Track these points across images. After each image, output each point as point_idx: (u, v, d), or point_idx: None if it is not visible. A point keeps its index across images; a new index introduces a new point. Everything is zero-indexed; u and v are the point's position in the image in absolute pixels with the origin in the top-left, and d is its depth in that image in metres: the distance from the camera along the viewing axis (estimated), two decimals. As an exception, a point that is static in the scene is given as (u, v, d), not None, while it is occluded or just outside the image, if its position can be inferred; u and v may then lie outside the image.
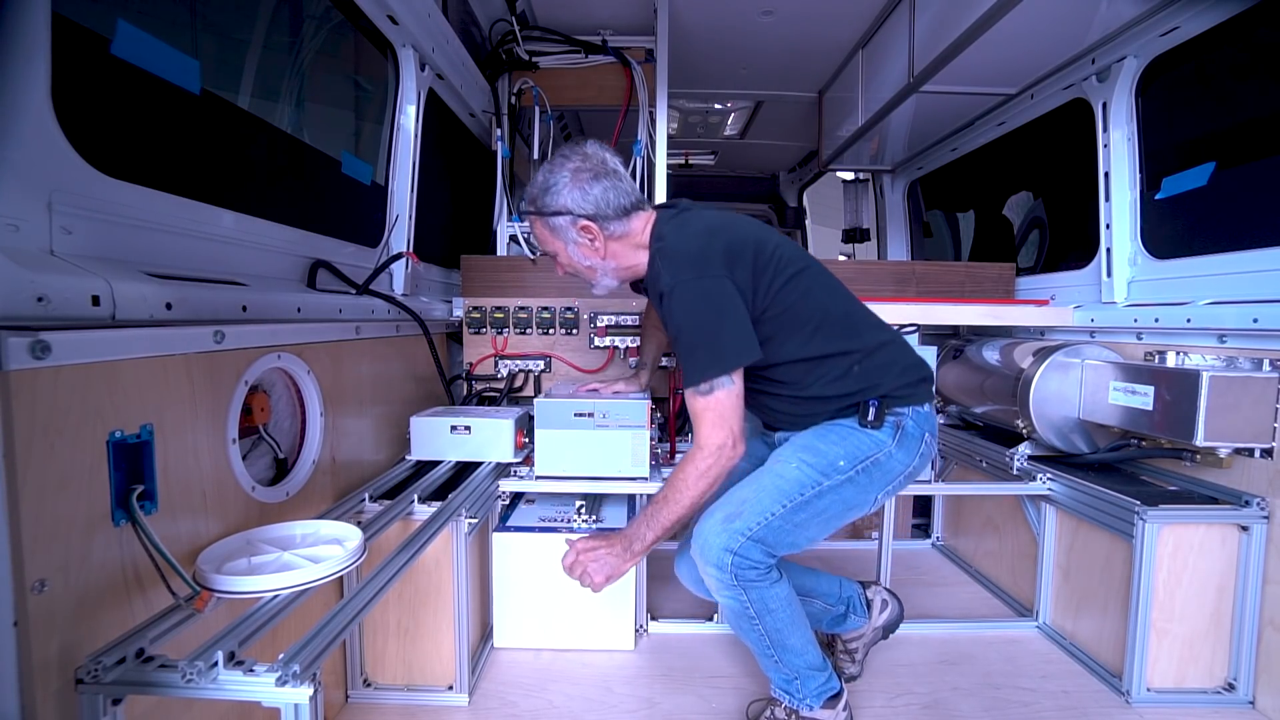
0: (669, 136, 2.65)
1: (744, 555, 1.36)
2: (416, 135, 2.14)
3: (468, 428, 1.88)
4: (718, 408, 1.35)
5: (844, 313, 1.49)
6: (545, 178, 1.45)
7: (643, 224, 1.49)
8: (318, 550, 1.17)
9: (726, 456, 1.36)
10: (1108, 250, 2.18)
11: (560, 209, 1.44)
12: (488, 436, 1.89)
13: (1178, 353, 1.82)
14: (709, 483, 1.37)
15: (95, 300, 0.93)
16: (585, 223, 1.44)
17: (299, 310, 1.48)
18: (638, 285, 1.66)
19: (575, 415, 1.86)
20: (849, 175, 4.12)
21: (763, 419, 1.67)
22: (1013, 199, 3.03)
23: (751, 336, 1.37)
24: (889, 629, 1.79)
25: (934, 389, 1.53)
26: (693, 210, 1.51)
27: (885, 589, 1.82)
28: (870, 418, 1.43)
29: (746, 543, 1.36)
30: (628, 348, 2.47)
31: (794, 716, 1.50)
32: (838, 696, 1.51)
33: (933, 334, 2.82)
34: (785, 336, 1.44)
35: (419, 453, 1.89)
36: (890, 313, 2.19)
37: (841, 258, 4.28)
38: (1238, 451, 1.65)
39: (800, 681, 1.48)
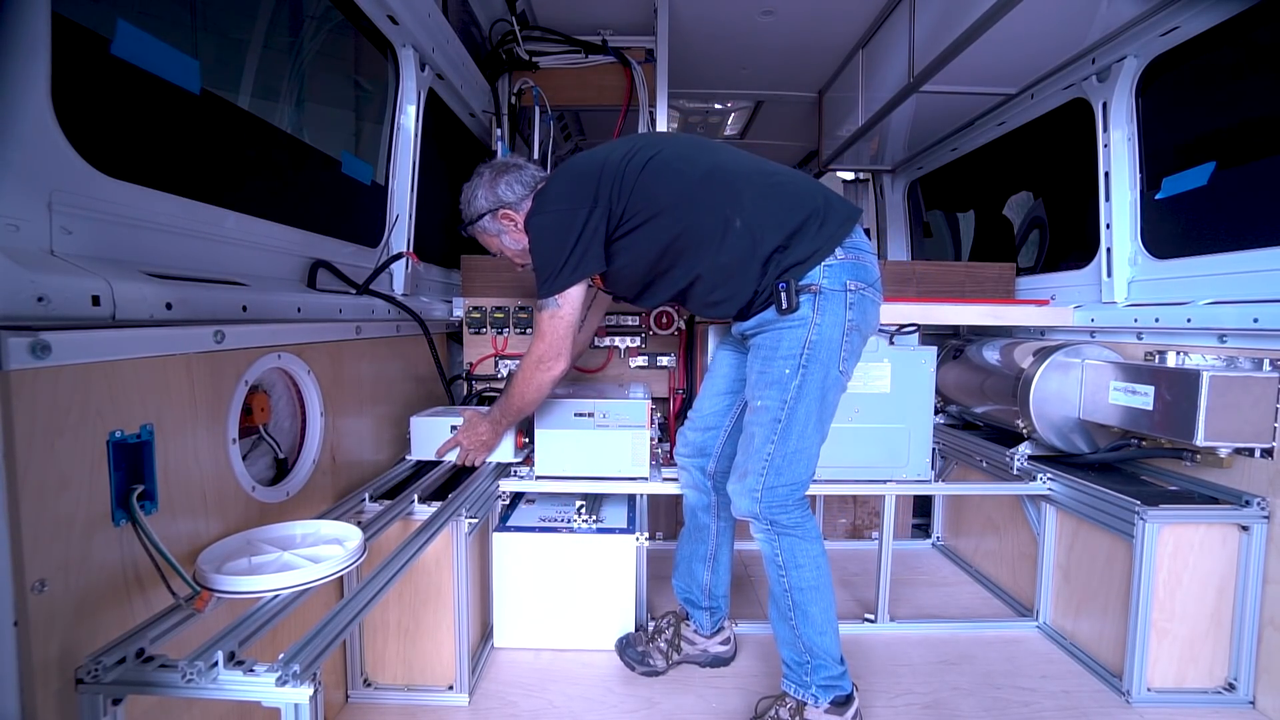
0: (669, 136, 2.64)
1: (769, 500, 1.48)
2: (416, 135, 2.14)
3: None
4: (541, 326, 1.56)
5: (704, 174, 1.50)
6: (464, 196, 1.70)
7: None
8: (318, 550, 1.17)
9: (544, 368, 1.59)
10: (1108, 250, 2.18)
11: (479, 212, 1.67)
12: (488, 436, 1.89)
13: (1178, 353, 1.82)
14: (535, 389, 1.63)
15: (95, 300, 0.93)
16: (502, 212, 1.64)
17: (299, 310, 1.48)
18: None
19: (575, 415, 1.86)
20: (849, 175, 4.12)
21: (711, 314, 1.66)
22: (1013, 199, 3.03)
23: (581, 263, 1.49)
24: (714, 661, 1.84)
25: (848, 215, 1.52)
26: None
27: (734, 633, 1.92)
28: (785, 305, 1.45)
29: (765, 488, 1.48)
30: (627, 348, 2.47)
31: (800, 716, 1.49)
32: (847, 702, 1.50)
33: (933, 334, 2.82)
34: (652, 231, 1.50)
35: (419, 453, 1.89)
36: (890, 313, 2.19)
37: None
38: (1238, 451, 1.65)
39: (811, 666, 1.50)
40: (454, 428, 1.87)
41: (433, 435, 1.88)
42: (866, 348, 1.62)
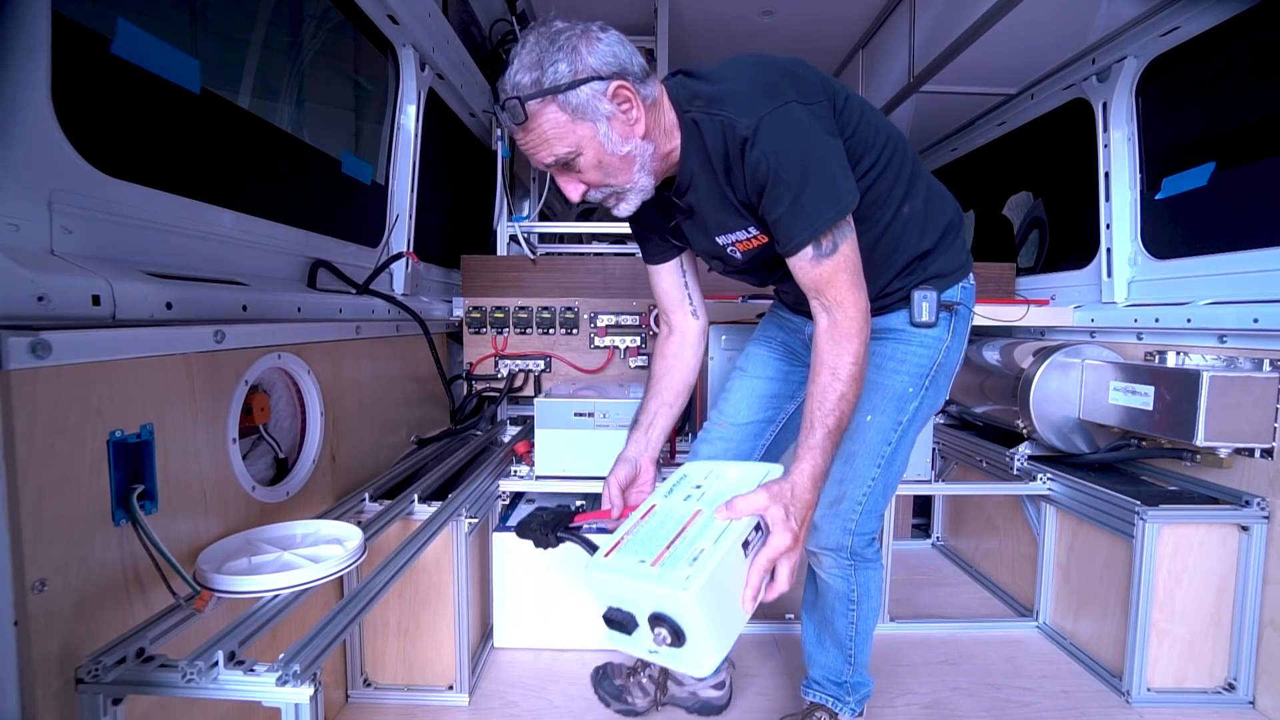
0: (669, 136, 2.64)
1: (862, 532, 1.32)
2: (416, 135, 2.14)
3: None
4: (849, 265, 1.10)
5: (894, 136, 1.26)
6: (537, 51, 1.01)
7: (659, 91, 1.13)
8: (318, 550, 1.17)
9: (866, 332, 1.12)
10: (1108, 250, 2.18)
11: (583, 74, 1.01)
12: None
13: (1178, 353, 1.82)
14: (861, 372, 1.11)
15: (95, 300, 0.93)
16: (617, 84, 1.03)
17: (299, 310, 1.48)
18: (644, 222, 1.34)
19: (575, 415, 1.86)
20: (849, 175, 4.10)
21: (792, 298, 1.41)
22: (1013, 199, 3.03)
23: (850, 176, 1.12)
24: (703, 708, 1.62)
25: (969, 241, 1.42)
26: (698, 67, 1.19)
27: (731, 677, 1.69)
28: (924, 317, 1.27)
29: (861, 518, 1.31)
30: (627, 348, 2.47)
31: None
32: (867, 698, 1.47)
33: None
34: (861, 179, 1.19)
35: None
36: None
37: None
38: (1238, 451, 1.65)
39: (852, 688, 1.43)
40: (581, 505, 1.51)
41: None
42: None
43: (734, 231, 1.22)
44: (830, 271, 1.10)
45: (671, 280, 1.47)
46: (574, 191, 1.13)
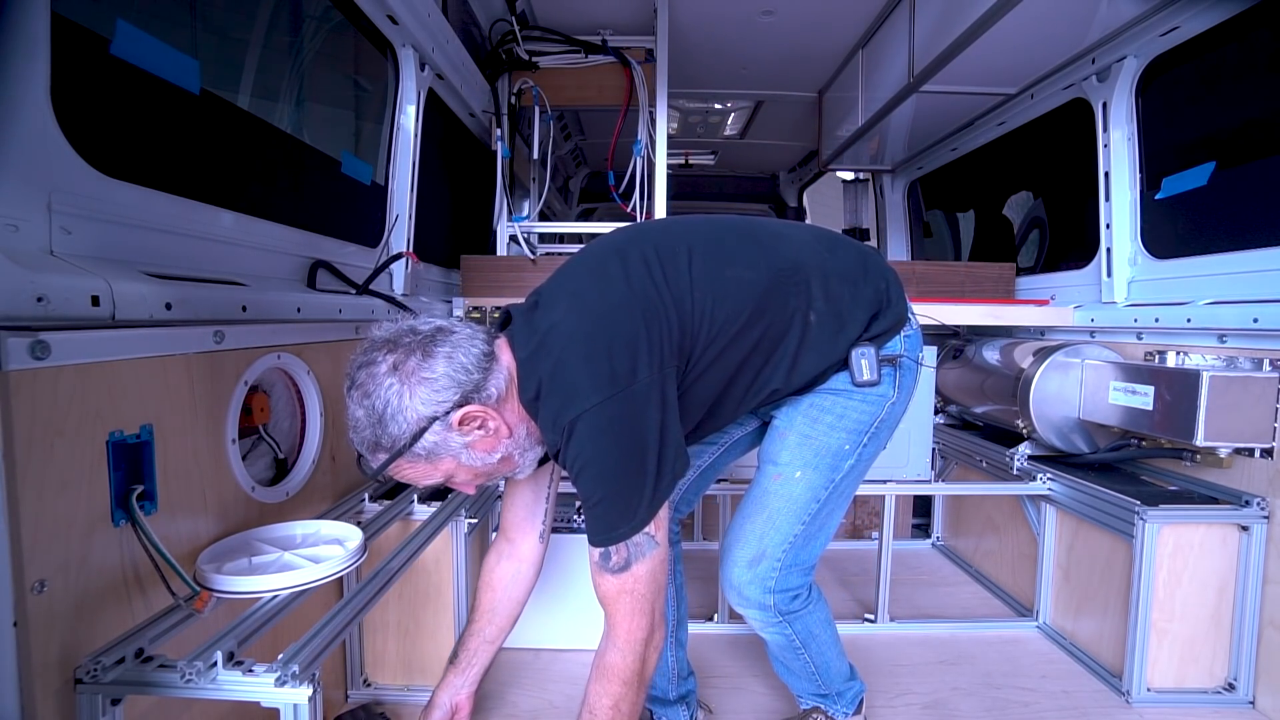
0: (669, 136, 2.65)
1: (783, 589, 1.28)
2: (416, 135, 2.14)
3: None
4: (636, 588, 1.04)
5: (769, 277, 1.15)
6: (368, 407, 0.98)
7: (508, 353, 1.07)
8: (318, 550, 1.17)
9: (650, 650, 1.09)
10: (1108, 250, 2.18)
11: (419, 425, 0.98)
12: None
13: (1178, 353, 1.82)
14: (640, 694, 1.11)
15: (95, 300, 0.93)
16: (461, 413, 0.99)
17: (299, 310, 1.48)
18: None
19: (575, 415, 1.85)
20: (849, 175, 4.12)
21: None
22: (1013, 199, 3.03)
23: (675, 462, 1.04)
24: None
25: (898, 279, 1.29)
26: (536, 310, 1.09)
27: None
28: (865, 376, 1.19)
29: (780, 575, 1.27)
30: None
31: None
32: (861, 700, 1.49)
33: (933, 334, 2.81)
34: (730, 350, 1.13)
35: None
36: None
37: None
38: (1238, 451, 1.65)
39: (834, 697, 1.45)
40: None
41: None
42: None
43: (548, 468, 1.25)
44: (613, 590, 1.05)
45: (531, 494, 1.34)
46: (469, 490, 1.15)
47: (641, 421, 1.00)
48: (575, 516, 1.93)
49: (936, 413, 2.53)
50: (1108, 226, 2.17)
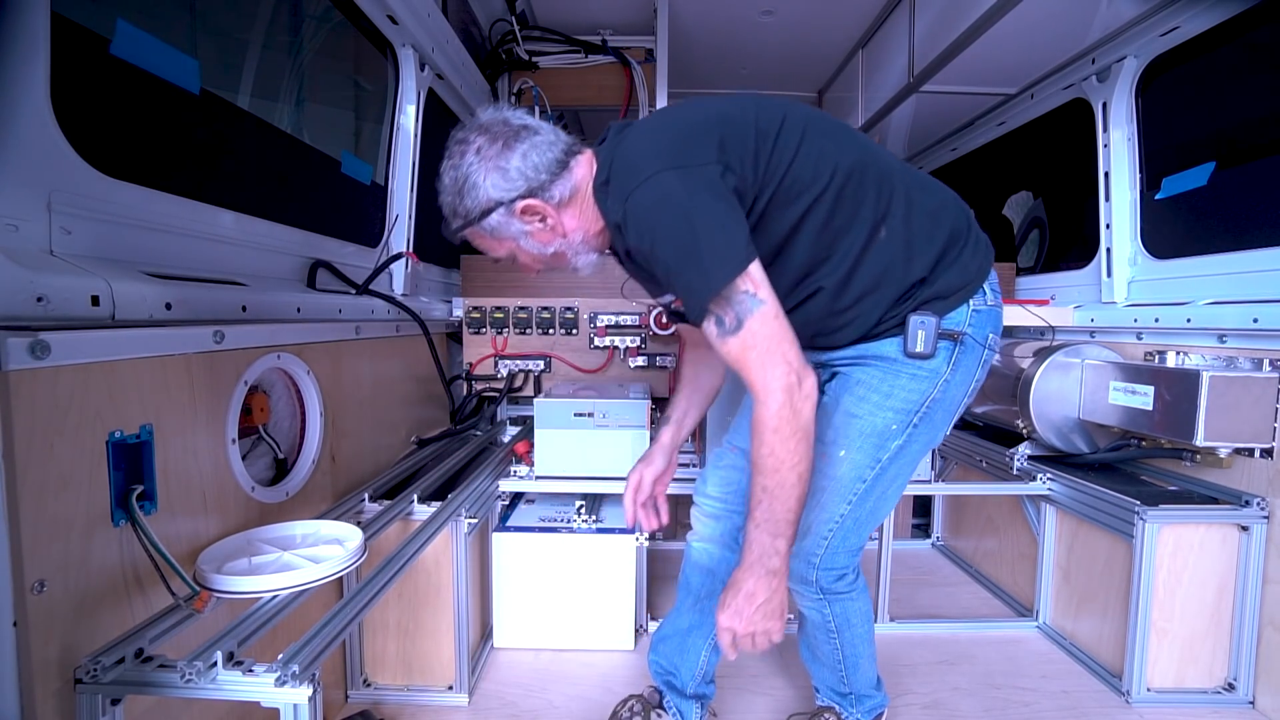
0: (669, 136, 2.64)
1: (828, 567, 1.27)
2: (416, 135, 2.14)
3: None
4: (756, 343, 1.02)
5: (856, 161, 1.12)
6: (453, 177, 1.10)
7: (586, 169, 1.15)
8: (318, 550, 1.17)
9: (800, 398, 1.03)
10: (1108, 250, 2.18)
11: (487, 205, 1.09)
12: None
13: (1178, 353, 1.82)
14: (801, 439, 1.04)
15: (95, 300, 0.93)
16: (524, 204, 1.10)
17: (299, 310, 1.48)
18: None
19: (575, 415, 1.86)
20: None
21: (823, 342, 1.30)
22: (1013, 199, 3.03)
23: (744, 228, 1.04)
24: None
25: (989, 245, 1.23)
26: (634, 121, 1.18)
27: None
28: (919, 347, 1.15)
29: (826, 554, 1.26)
30: (627, 348, 2.47)
31: None
32: (880, 713, 1.45)
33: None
34: (792, 214, 1.10)
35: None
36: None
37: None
38: (1238, 451, 1.65)
39: (855, 700, 1.42)
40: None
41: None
42: None
43: (664, 295, 1.24)
44: (736, 351, 1.04)
45: None
46: (530, 273, 1.28)
47: (702, 194, 1.01)
48: (575, 516, 1.93)
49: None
50: (1108, 226, 2.17)
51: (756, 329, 1.02)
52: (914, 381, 1.19)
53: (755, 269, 1.03)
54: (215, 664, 0.87)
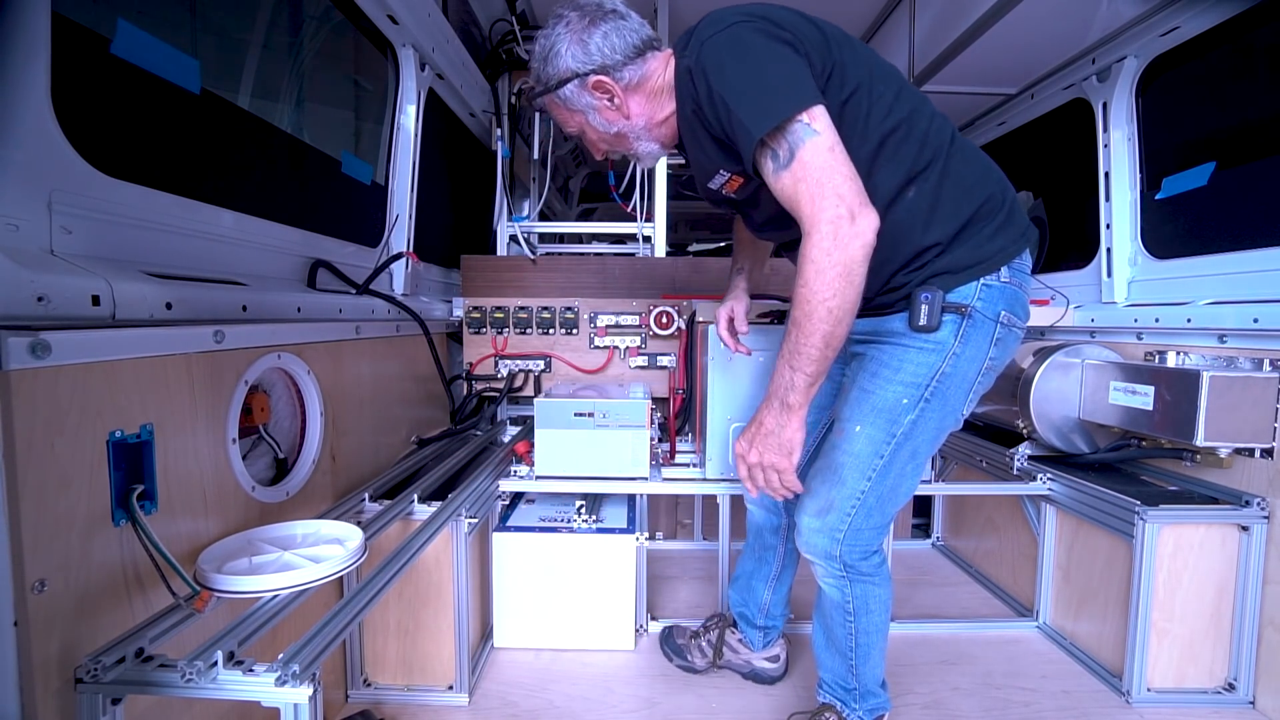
0: (669, 136, 2.64)
1: (853, 543, 1.29)
2: (416, 135, 2.14)
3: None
4: (809, 175, 1.03)
5: (910, 111, 1.17)
6: (542, 45, 1.20)
7: (662, 63, 1.22)
8: (318, 550, 1.17)
9: (848, 233, 1.01)
10: (1108, 250, 2.18)
11: (564, 75, 1.18)
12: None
13: (1178, 353, 1.82)
14: (841, 274, 1.02)
15: (95, 300, 0.93)
16: (596, 79, 1.18)
17: (299, 310, 1.48)
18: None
19: (575, 415, 1.86)
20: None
21: None
22: (1013, 199, 3.03)
23: (809, 77, 1.07)
24: (755, 676, 1.74)
25: (1025, 230, 1.25)
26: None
27: (787, 653, 1.77)
28: (923, 320, 1.18)
29: (850, 530, 1.28)
30: (627, 348, 2.47)
31: None
32: (882, 716, 1.45)
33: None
34: (848, 112, 1.13)
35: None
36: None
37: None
38: (1238, 451, 1.65)
39: (859, 695, 1.42)
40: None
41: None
42: None
43: (716, 175, 1.23)
44: (789, 186, 1.06)
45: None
46: (596, 153, 1.34)
47: (775, 43, 1.07)
48: (575, 516, 1.93)
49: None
50: (1108, 226, 2.17)
51: (808, 159, 1.03)
52: (921, 355, 1.22)
53: (819, 110, 1.05)
54: (215, 664, 0.88)
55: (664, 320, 2.42)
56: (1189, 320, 1.83)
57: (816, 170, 1.03)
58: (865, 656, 1.39)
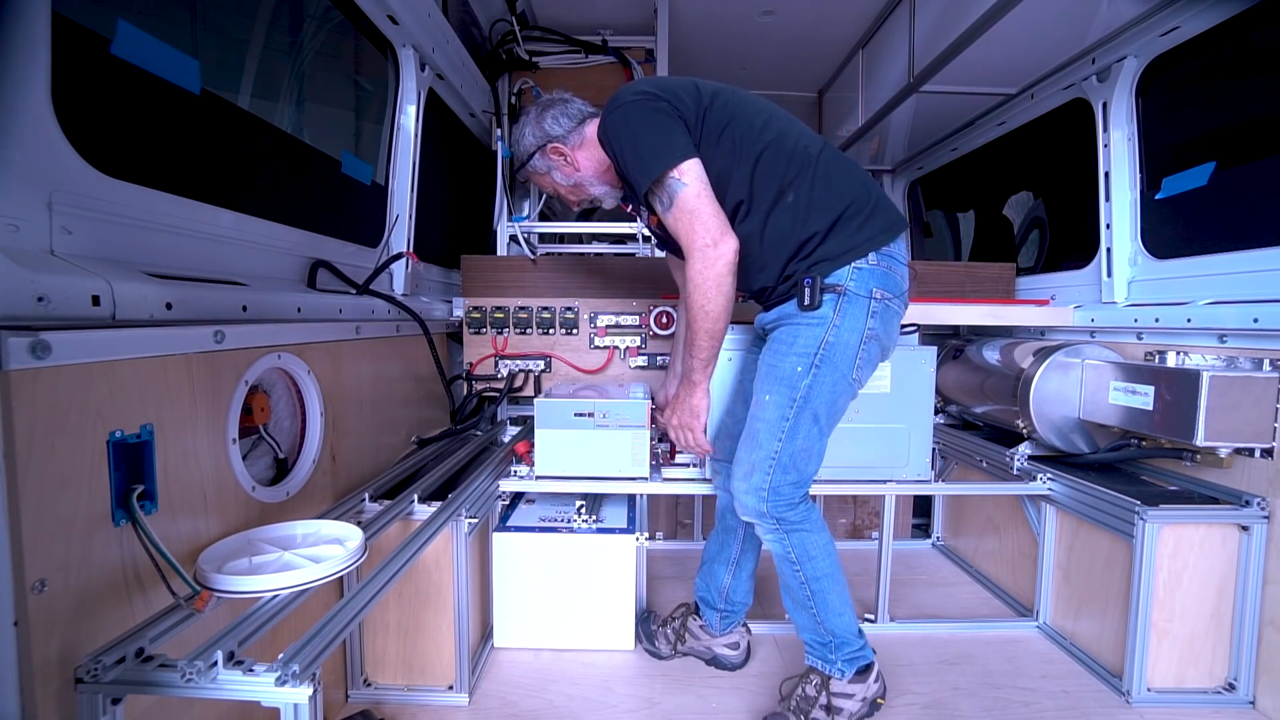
0: (669, 136, 2.64)
1: (776, 494, 1.47)
2: (416, 135, 2.14)
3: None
4: (680, 215, 1.39)
5: (777, 134, 1.46)
6: (515, 134, 1.66)
7: (595, 127, 1.58)
8: (318, 550, 1.17)
9: (713, 255, 1.38)
10: (1108, 250, 2.18)
11: (527, 151, 1.63)
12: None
13: (1178, 353, 1.82)
14: (711, 285, 1.40)
15: (95, 300, 0.93)
16: (551, 146, 1.60)
17: (299, 310, 1.48)
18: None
19: (575, 415, 1.86)
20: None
21: (740, 285, 1.57)
22: (1013, 199, 3.03)
23: (686, 138, 1.40)
24: (717, 663, 1.83)
25: (891, 224, 1.48)
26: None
27: (748, 642, 1.87)
28: (807, 301, 1.43)
29: (771, 487, 1.46)
30: (627, 348, 2.47)
31: (825, 690, 1.52)
32: (869, 669, 1.54)
33: (933, 334, 2.82)
34: (726, 176, 1.45)
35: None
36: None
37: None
38: (1238, 451, 1.65)
39: (834, 646, 1.53)
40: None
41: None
42: None
43: (642, 212, 1.62)
44: (673, 220, 1.41)
45: (674, 260, 1.90)
46: (570, 205, 1.76)
47: (650, 113, 1.41)
48: (575, 516, 1.93)
49: (936, 413, 2.53)
50: (1108, 226, 2.17)
51: (680, 203, 1.39)
52: (809, 329, 1.46)
53: (689, 164, 1.39)
54: (216, 663, 0.88)
55: (664, 320, 2.42)
56: (1189, 320, 1.83)
57: (687, 213, 1.39)
58: (825, 604, 1.52)
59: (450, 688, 1.66)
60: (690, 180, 1.38)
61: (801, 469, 1.48)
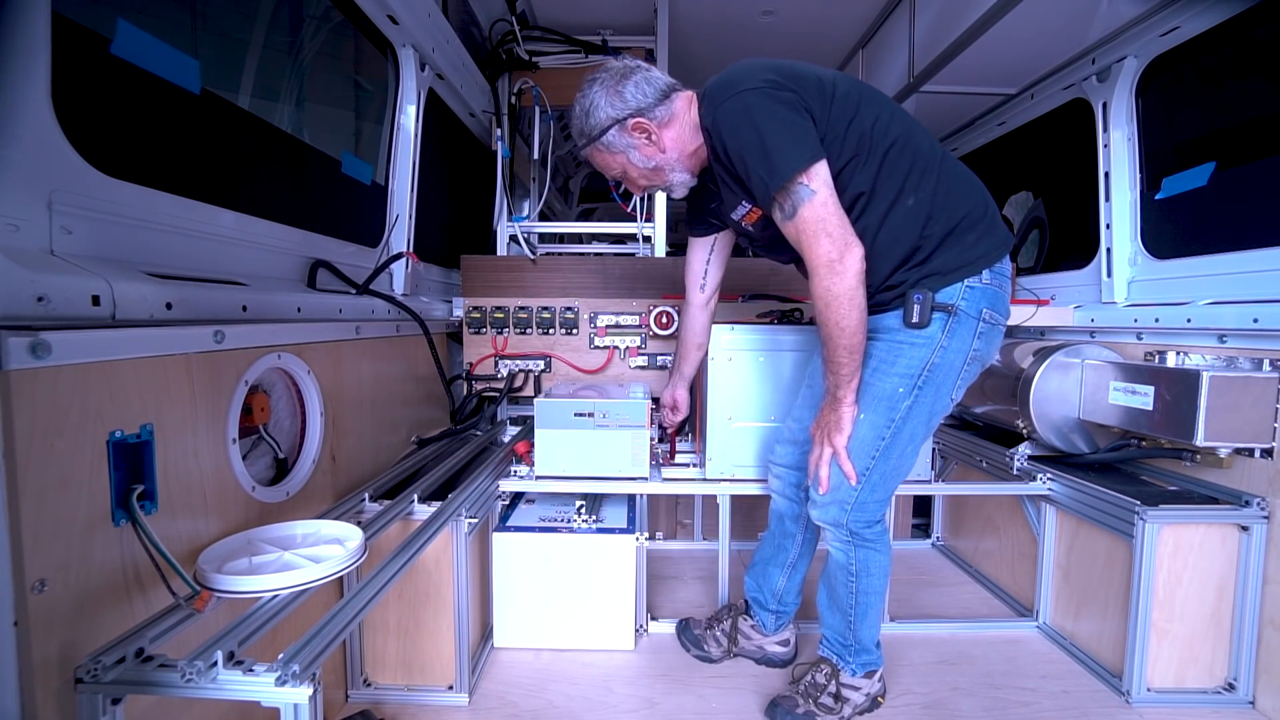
0: (669, 136, 2.64)
1: (860, 509, 1.47)
2: (416, 135, 2.14)
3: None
4: (805, 226, 1.28)
5: (904, 129, 1.36)
6: (581, 105, 1.42)
7: (686, 102, 1.43)
8: (318, 550, 1.17)
9: (841, 269, 1.27)
10: (1108, 250, 2.18)
11: (605, 123, 1.39)
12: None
13: (1178, 353, 1.82)
14: (843, 301, 1.29)
15: (95, 300, 0.93)
16: (633, 121, 1.38)
17: (299, 310, 1.48)
18: (697, 208, 1.64)
19: (575, 415, 1.86)
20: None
21: None
22: (1013, 199, 3.03)
23: (817, 138, 1.28)
24: (768, 660, 1.83)
25: (1004, 239, 1.41)
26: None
27: (796, 637, 1.86)
28: (915, 319, 1.36)
29: (857, 501, 1.46)
30: (627, 348, 2.47)
31: (835, 679, 1.57)
32: (875, 671, 1.60)
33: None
34: (849, 168, 1.33)
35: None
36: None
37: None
38: (1238, 451, 1.65)
39: (855, 650, 1.58)
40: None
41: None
42: None
43: (738, 206, 1.45)
44: (795, 230, 1.30)
45: (698, 255, 1.76)
46: (635, 190, 1.55)
47: (777, 106, 1.27)
48: (575, 516, 1.93)
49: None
50: (1108, 226, 2.17)
51: (806, 215, 1.28)
52: (914, 349, 1.39)
53: (818, 167, 1.27)
54: (216, 663, 0.87)
55: (664, 320, 2.42)
56: (1189, 320, 1.83)
57: (813, 224, 1.28)
58: (863, 615, 1.55)
59: (450, 688, 1.66)
60: (818, 185, 1.27)
61: (889, 488, 1.48)
